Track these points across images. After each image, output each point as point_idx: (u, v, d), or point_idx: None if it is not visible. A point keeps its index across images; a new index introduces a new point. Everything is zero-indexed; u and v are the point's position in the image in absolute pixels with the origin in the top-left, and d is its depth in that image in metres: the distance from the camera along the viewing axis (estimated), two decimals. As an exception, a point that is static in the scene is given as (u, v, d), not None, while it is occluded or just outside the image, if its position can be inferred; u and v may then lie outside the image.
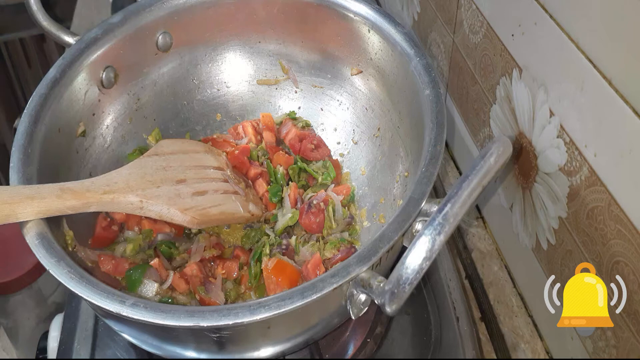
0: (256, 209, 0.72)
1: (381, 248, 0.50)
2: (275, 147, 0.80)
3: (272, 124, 0.82)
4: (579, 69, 0.51)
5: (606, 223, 0.51)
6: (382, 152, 0.75)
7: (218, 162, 0.73)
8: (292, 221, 0.72)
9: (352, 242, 0.72)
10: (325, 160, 0.78)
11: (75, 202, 0.56)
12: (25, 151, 0.59)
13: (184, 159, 0.69)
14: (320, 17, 0.77)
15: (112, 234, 0.69)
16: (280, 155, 0.78)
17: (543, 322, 0.68)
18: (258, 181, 0.76)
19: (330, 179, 0.76)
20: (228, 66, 0.83)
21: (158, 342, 0.56)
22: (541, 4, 0.56)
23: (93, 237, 0.67)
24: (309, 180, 0.78)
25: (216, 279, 0.66)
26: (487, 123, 0.74)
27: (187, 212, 0.64)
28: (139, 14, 0.74)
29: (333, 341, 0.68)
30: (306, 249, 0.69)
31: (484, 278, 0.77)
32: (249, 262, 0.69)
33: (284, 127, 0.81)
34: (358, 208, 0.76)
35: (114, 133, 0.74)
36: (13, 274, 0.93)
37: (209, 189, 0.68)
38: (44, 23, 0.73)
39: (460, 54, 0.79)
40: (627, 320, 0.51)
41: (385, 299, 0.44)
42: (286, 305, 0.47)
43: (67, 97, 0.66)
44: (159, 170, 0.66)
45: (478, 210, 0.83)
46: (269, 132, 0.81)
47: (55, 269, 0.51)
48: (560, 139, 0.56)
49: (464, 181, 0.47)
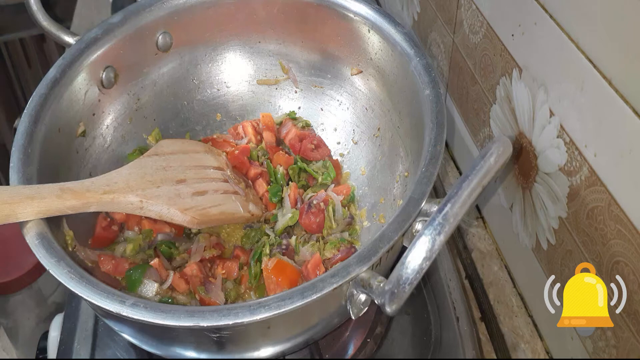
0: (256, 209, 0.72)
1: (381, 248, 0.50)
2: (275, 147, 0.80)
3: (272, 123, 0.82)
4: (579, 69, 0.51)
5: (606, 223, 0.51)
6: (382, 152, 0.76)
7: (218, 162, 0.73)
8: (292, 221, 0.72)
9: (352, 242, 0.72)
10: (325, 160, 0.78)
11: (75, 202, 0.56)
12: (25, 151, 0.59)
13: (184, 159, 0.69)
14: (320, 17, 0.77)
15: (112, 234, 0.69)
16: (280, 155, 0.78)
17: (543, 322, 0.68)
18: (258, 181, 0.76)
19: (330, 179, 0.76)
20: (228, 66, 0.83)
21: (158, 342, 0.56)
22: (541, 4, 0.56)
23: (93, 237, 0.67)
24: (309, 180, 0.78)
25: (216, 279, 0.66)
26: (487, 123, 0.74)
27: (187, 212, 0.64)
28: (139, 14, 0.74)
29: (333, 341, 0.68)
30: (306, 249, 0.69)
31: (484, 278, 0.77)
32: (249, 262, 0.69)
33: (284, 127, 0.81)
34: (358, 208, 0.76)
35: (114, 133, 0.74)
36: (13, 274, 0.93)
37: (209, 189, 0.68)
38: (44, 23, 0.73)
39: (460, 54, 0.79)
40: (627, 320, 0.51)
41: (385, 299, 0.44)
42: (286, 305, 0.47)
43: (67, 97, 0.66)
44: (159, 170, 0.66)
45: (478, 210, 0.83)
46: (268, 132, 0.81)
47: (55, 269, 0.51)
48: (560, 139, 0.56)
49: (464, 181, 0.47)
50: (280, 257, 0.67)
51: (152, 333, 0.54)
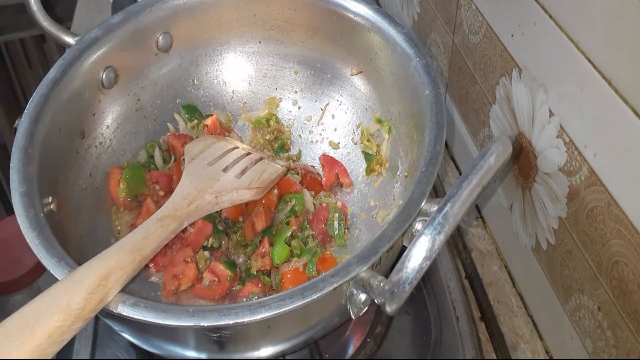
0: (283, 162, 0.78)
1: (381, 248, 0.50)
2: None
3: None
4: (579, 69, 0.51)
5: (606, 223, 0.51)
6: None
7: (232, 143, 0.77)
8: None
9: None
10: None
11: (174, 224, 0.61)
12: (25, 151, 0.59)
13: (213, 152, 0.74)
14: (320, 18, 0.77)
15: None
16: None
17: (543, 322, 0.69)
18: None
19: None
20: (228, 66, 0.83)
21: (158, 342, 0.56)
22: (541, 4, 0.56)
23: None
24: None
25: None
26: (487, 123, 0.74)
27: (251, 188, 0.70)
28: (139, 14, 0.74)
29: (333, 341, 0.68)
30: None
31: (483, 278, 0.77)
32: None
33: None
34: (359, 210, 0.76)
35: (114, 133, 0.74)
36: (13, 274, 0.93)
37: (246, 165, 0.73)
38: (44, 23, 0.73)
39: (460, 54, 0.79)
40: (627, 320, 0.51)
41: (385, 299, 0.44)
42: (286, 305, 0.47)
43: (67, 97, 0.66)
44: (207, 168, 0.71)
45: (478, 210, 0.83)
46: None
47: (55, 269, 0.51)
48: (560, 139, 0.56)
49: (464, 181, 0.47)
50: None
51: (153, 333, 0.54)
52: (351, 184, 0.78)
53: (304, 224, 0.71)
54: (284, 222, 0.70)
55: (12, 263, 0.94)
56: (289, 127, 0.83)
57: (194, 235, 0.68)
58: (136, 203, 0.73)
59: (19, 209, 0.55)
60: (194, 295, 0.66)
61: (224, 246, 0.71)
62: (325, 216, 0.72)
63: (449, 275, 0.74)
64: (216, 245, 0.70)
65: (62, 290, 0.47)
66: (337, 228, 0.71)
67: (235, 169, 0.72)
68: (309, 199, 0.74)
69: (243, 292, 0.66)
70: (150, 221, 0.60)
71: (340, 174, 0.78)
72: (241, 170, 0.72)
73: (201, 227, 0.68)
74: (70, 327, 0.46)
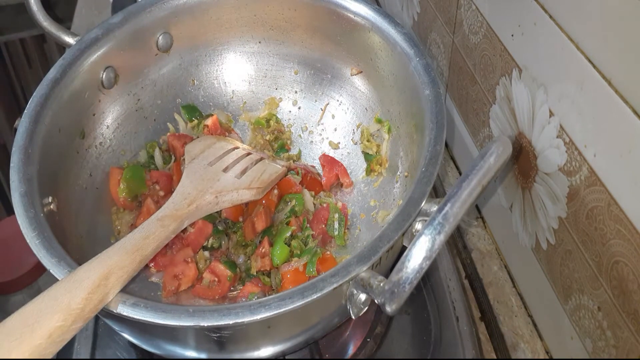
0: (283, 162, 0.78)
1: (381, 248, 0.50)
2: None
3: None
4: (579, 69, 0.51)
5: (606, 223, 0.51)
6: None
7: (232, 143, 0.77)
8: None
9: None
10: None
11: (175, 224, 0.61)
12: (25, 151, 0.59)
13: (213, 152, 0.74)
14: (320, 18, 0.77)
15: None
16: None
17: (543, 322, 0.69)
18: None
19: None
20: (228, 66, 0.83)
21: (158, 342, 0.56)
22: (541, 4, 0.56)
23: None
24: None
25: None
26: (486, 123, 0.74)
27: (251, 188, 0.70)
28: (139, 14, 0.74)
29: (333, 341, 0.68)
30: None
31: (483, 278, 0.77)
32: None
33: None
34: (359, 210, 0.76)
35: (114, 133, 0.74)
36: (13, 274, 0.93)
37: (247, 165, 0.74)
38: (44, 23, 0.73)
39: (460, 54, 0.79)
40: (626, 320, 0.51)
41: (385, 299, 0.44)
42: (286, 305, 0.47)
43: (67, 97, 0.66)
44: (207, 168, 0.71)
45: (478, 210, 0.83)
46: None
47: (55, 269, 0.51)
48: (560, 139, 0.56)
49: (464, 181, 0.47)
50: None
51: (153, 333, 0.54)
52: (351, 184, 0.78)
53: (304, 224, 0.71)
54: (284, 222, 0.70)
55: (12, 263, 0.94)
56: (289, 127, 0.84)
57: (194, 235, 0.68)
58: (136, 203, 0.73)
59: (19, 209, 0.55)
60: (194, 295, 0.66)
61: (224, 246, 0.71)
62: (325, 216, 0.72)
63: (449, 275, 0.74)
64: (216, 246, 0.70)
65: (62, 290, 0.47)
66: (337, 228, 0.71)
67: (235, 169, 0.72)
68: (309, 199, 0.74)
69: (243, 292, 0.66)
70: (151, 221, 0.60)
71: (340, 174, 0.78)
72: (241, 170, 0.72)
73: (201, 227, 0.68)
74: (71, 327, 0.46)
